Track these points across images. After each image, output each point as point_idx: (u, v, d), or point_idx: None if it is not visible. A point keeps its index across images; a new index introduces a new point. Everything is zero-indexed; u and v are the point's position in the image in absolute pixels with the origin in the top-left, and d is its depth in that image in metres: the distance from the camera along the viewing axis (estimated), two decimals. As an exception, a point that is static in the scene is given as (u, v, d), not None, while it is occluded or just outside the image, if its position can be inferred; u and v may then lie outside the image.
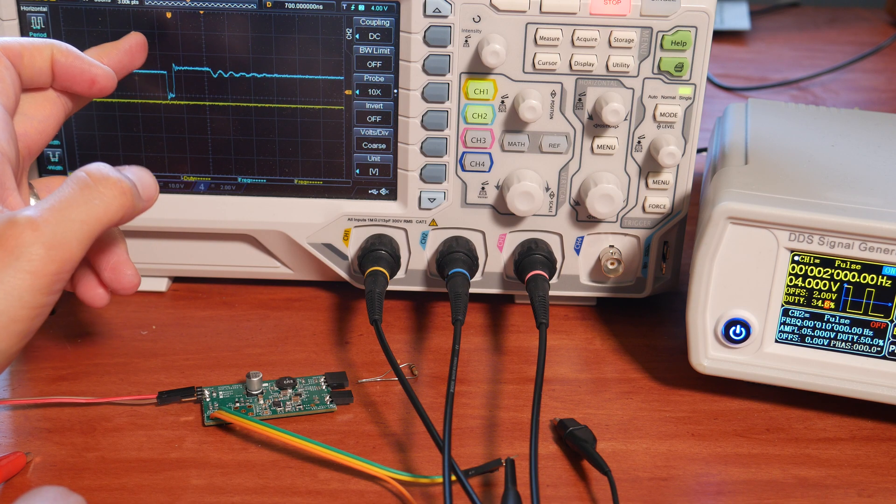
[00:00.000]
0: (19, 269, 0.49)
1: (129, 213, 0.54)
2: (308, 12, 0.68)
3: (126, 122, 0.71)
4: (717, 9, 1.26)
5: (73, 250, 0.51)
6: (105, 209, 0.52)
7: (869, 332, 0.64)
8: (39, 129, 0.59)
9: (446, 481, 0.54)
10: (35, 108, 0.59)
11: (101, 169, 0.53)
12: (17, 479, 0.59)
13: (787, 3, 1.50)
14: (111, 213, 0.52)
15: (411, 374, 0.69)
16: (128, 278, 0.59)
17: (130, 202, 0.54)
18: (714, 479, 0.61)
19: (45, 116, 0.60)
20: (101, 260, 0.59)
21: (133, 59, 0.64)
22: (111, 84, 0.61)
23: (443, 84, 0.69)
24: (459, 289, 0.68)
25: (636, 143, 0.70)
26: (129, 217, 0.54)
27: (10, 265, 0.49)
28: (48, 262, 0.50)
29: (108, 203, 0.52)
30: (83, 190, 0.52)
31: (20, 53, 0.58)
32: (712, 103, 1.13)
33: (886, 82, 1.25)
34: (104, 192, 0.52)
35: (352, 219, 0.73)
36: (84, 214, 0.51)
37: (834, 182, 0.65)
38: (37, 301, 0.50)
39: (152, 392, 0.65)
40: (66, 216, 0.51)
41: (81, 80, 0.60)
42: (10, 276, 0.49)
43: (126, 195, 0.53)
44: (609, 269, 0.73)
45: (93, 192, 0.52)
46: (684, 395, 0.68)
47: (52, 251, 0.50)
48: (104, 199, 0.52)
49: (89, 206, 0.52)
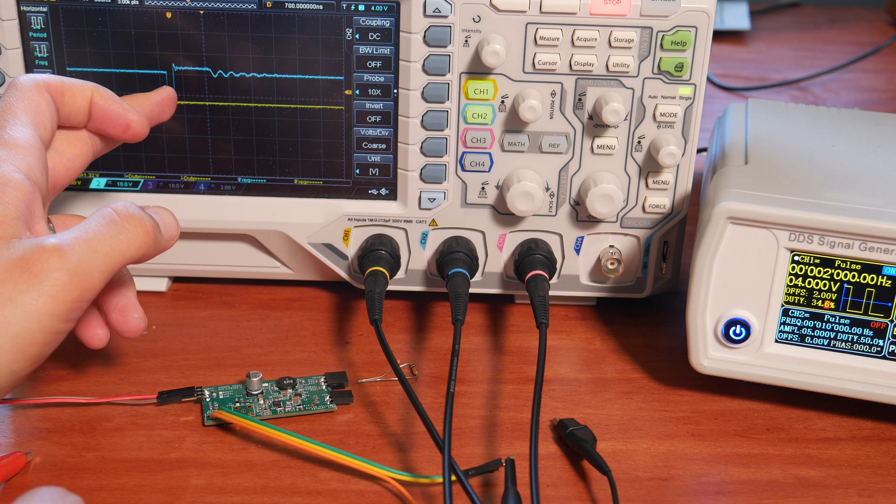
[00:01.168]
0: (42, 293, 0.51)
1: (151, 251, 0.57)
2: (308, 12, 0.68)
3: (126, 122, 0.71)
4: (717, 9, 1.26)
5: (94, 280, 0.53)
6: (129, 245, 0.55)
7: (869, 332, 0.64)
8: (68, 166, 0.61)
9: (446, 481, 0.54)
10: (66, 146, 0.62)
11: (127, 207, 0.56)
12: (17, 479, 0.59)
13: (787, 3, 1.50)
14: (134, 249, 0.55)
15: (411, 374, 0.69)
16: (135, 321, 0.61)
17: (152, 241, 0.56)
18: (714, 479, 0.61)
19: (74, 154, 0.62)
20: (109, 301, 0.61)
21: (163, 111, 0.66)
22: (144, 131, 0.64)
23: (443, 84, 0.69)
24: (459, 289, 0.68)
25: (636, 143, 0.70)
26: (150, 255, 0.57)
27: (34, 288, 0.51)
28: (70, 289, 0.51)
29: (132, 239, 0.55)
30: (110, 225, 0.54)
31: (62, 91, 0.60)
32: (712, 103, 1.13)
33: (886, 82, 1.25)
34: (129, 229, 0.55)
35: (352, 219, 0.73)
36: (109, 248, 0.54)
37: (834, 182, 0.65)
38: (54, 327, 0.52)
39: (152, 392, 0.65)
40: (91, 247, 0.53)
41: (117, 125, 0.62)
42: (33, 299, 0.51)
43: (149, 234, 0.56)
44: (609, 269, 0.73)
45: (119, 228, 0.54)
46: (684, 395, 0.68)
47: (75, 278, 0.52)
48: (129, 236, 0.55)
49: (115, 241, 0.54)
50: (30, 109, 0.58)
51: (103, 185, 0.73)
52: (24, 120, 0.57)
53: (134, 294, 0.62)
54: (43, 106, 0.58)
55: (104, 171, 0.73)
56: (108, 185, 0.73)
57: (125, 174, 0.73)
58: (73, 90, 0.60)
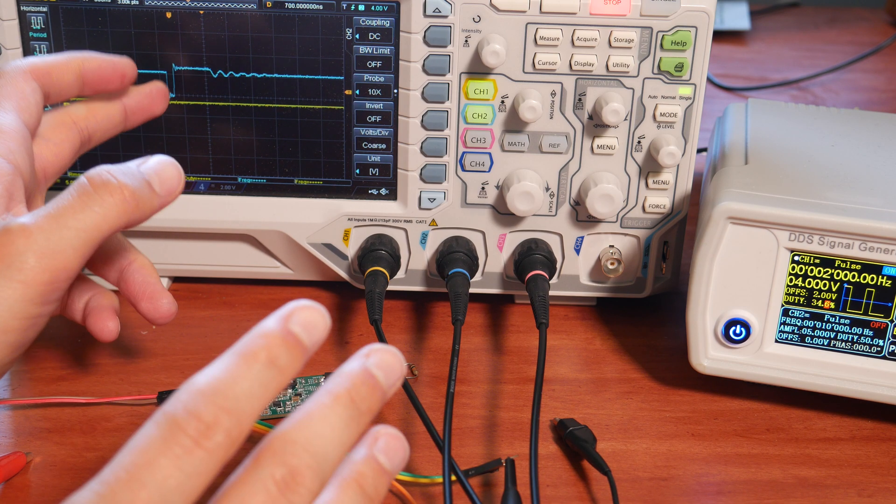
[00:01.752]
0: (10, 279, 0.48)
1: (136, 216, 0.52)
2: (308, 12, 0.68)
3: (126, 122, 0.71)
4: (717, 9, 1.26)
5: (68, 259, 0.49)
6: (104, 216, 0.50)
7: (869, 332, 0.64)
8: (55, 151, 0.59)
9: (446, 481, 0.54)
10: (51, 131, 0.60)
11: (101, 174, 0.51)
12: (18, 479, 0.59)
13: (787, 3, 1.50)
14: (111, 219, 0.50)
15: (411, 374, 0.69)
16: (165, 307, 0.59)
17: (133, 206, 0.51)
18: (714, 479, 0.61)
19: (60, 140, 0.60)
20: (135, 290, 0.59)
21: (153, 102, 0.64)
22: (135, 73, 0.61)
23: (443, 84, 0.69)
24: (459, 289, 0.68)
25: (636, 143, 0.70)
26: (135, 221, 0.52)
27: (2, 274, 0.48)
28: (40, 272, 0.48)
29: (108, 210, 0.50)
30: (81, 196, 0.50)
31: (48, 72, 0.58)
32: (712, 103, 1.13)
33: (886, 82, 1.25)
34: (104, 199, 0.50)
35: (352, 219, 0.73)
36: (80, 222, 0.49)
37: (834, 182, 0.65)
38: (29, 312, 0.49)
39: (152, 392, 0.65)
40: (61, 223, 0.49)
41: (112, 79, 0.60)
42: (1, 287, 0.48)
43: (127, 201, 0.51)
44: (609, 269, 0.73)
45: (91, 199, 0.50)
46: (684, 395, 0.68)
47: (44, 260, 0.48)
48: (103, 206, 0.50)
49: (86, 213, 0.49)
50: (13, 95, 0.56)
51: (103, 185, 0.73)
52: (7, 106, 0.56)
53: (158, 280, 0.60)
54: (27, 92, 0.57)
55: (104, 171, 0.73)
56: (108, 185, 0.73)
57: (125, 174, 0.73)
58: (59, 67, 0.58)
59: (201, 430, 0.38)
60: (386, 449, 0.42)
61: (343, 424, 0.40)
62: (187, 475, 0.38)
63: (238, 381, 0.39)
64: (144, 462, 0.37)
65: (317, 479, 0.39)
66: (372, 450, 0.42)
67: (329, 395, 0.40)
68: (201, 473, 0.39)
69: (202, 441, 0.38)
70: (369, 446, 0.42)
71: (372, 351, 0.42)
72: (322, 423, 0.40)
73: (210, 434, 0.38)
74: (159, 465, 0.38)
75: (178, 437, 0.38)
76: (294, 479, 0.38)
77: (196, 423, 0.38)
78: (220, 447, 0.39)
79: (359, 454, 0.42)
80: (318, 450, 0.39)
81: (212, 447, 0.38)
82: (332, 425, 0.40)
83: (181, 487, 0.38)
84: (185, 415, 0.38)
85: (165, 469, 0.38)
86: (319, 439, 0.39)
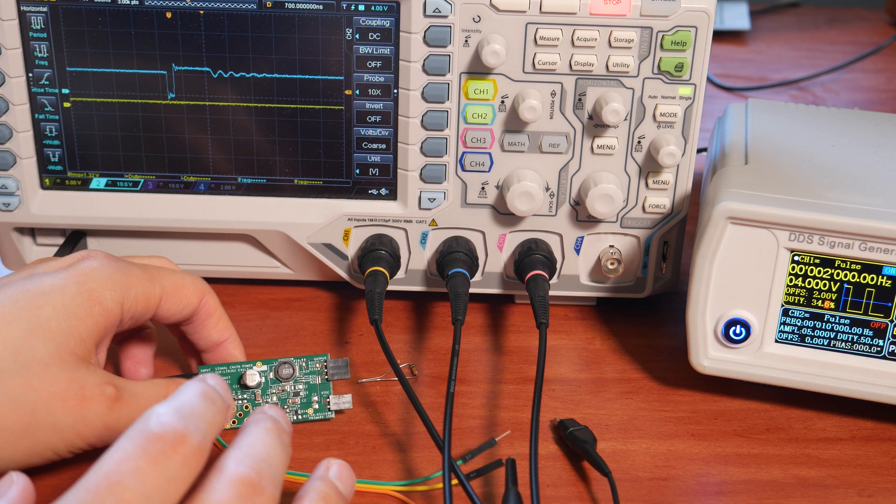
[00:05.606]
0: (75, 422, 0.54)
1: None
2: (308, 12, 0.68)
3: (126, 122, 0.71)
4: (717, 9, 1.26)
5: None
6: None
7: (869, 332, 0.64)
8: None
9: (446, 481, 0.54)
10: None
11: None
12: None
13: (787, 3, 1.50)
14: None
15: (411, 374, 0.69)
16: (140, 374, 0.65)
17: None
18: (714, 479, 0.61)
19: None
20: (128, 349, 0.65)
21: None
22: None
23: (443, 84, 0.69)
24: (459, 289, 0.68)
25: (636, 143, 0.70)
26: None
27: (71, 415, 0.54)
28: (95, 439, 0.55)
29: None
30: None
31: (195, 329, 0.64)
32: (712, 103, 1.13)
33: (886, 82, 1.25)
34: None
35: (352, 219, 0.73)
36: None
37: (834, 182, 0.65)
38: (58, 449, 0.55)
39: (152, 392, 0.65)
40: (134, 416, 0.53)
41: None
42: (64, 424, 0.54)
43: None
44: (609, 269, 0.73)
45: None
46: (684, 395, 0.68)
47: (105, 432, 0.55)
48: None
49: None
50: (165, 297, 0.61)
51: (103, 185, 0.73)
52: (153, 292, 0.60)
53: (153, 351, 0.66)
54: (181, 308, 0.62)
55: (104, 171, 0.73)
56: (108, 185, 0.73)
57: (125, 174, 0.73)
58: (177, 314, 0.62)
59: (177, 436, 0.42)
60: (339, 475, 0.49)
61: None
62: (167, 479, 0.41)
63: (194, 400, 0.45)
64: (126, 469, 0.40)
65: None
66: (327, 474, 0.49)
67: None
68: (179, 479, 0.41)
69: (178, 447, 0.41)
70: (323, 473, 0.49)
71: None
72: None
73: (184, 440, 0.42)
74: (140, 470, 0.40)
75: (155, 444, 0.41)
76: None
77: (171, 431, 0.42)
78: (194, 455, 0.42)
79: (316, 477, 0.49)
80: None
81: (187, 453, 0.42)
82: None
83: (162, 491, 0.41)
84: (158, 426, 0.42)
85: (146, 472, 0.40)
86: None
